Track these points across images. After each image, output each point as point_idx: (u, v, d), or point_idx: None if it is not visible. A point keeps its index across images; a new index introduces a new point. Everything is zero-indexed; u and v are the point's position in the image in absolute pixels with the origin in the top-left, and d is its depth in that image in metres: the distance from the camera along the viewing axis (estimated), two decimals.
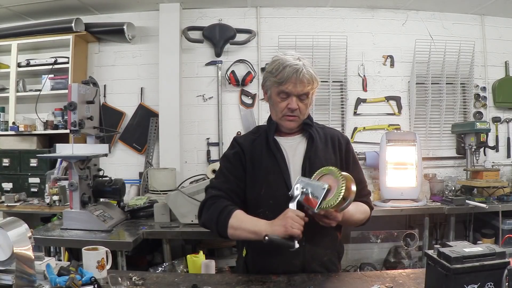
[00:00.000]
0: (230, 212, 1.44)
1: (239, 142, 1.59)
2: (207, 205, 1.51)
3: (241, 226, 1.42)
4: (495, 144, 3.61)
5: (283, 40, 3.48)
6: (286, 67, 1.45)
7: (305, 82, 1.45)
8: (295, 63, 1.45)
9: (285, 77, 1.44)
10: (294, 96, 1.47)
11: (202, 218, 1.54)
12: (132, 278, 1.37)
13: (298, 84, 1.45)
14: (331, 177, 1.32)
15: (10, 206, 3.08)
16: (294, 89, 1.46)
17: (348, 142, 1.64)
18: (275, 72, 1.48)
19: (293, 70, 1.44)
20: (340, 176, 1.29)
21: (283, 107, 1.49)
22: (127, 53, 3.65)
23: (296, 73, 1.43)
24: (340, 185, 1.26)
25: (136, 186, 3.42)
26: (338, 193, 1.25)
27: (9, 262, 1.18)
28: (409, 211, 2.99)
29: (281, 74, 1.45)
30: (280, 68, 1.46)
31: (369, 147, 3.52)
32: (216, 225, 1.46)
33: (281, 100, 1.49)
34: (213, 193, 1.52)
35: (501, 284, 1.00)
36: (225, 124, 3.59)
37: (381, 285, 1.30)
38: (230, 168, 1.55)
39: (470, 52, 3.56)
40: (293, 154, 1.54)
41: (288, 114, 1.50)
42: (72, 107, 2.28)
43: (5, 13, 3.48)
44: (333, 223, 1.36)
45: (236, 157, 1.55)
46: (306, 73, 1.45)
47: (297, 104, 1.48)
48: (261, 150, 1.54)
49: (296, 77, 1.44)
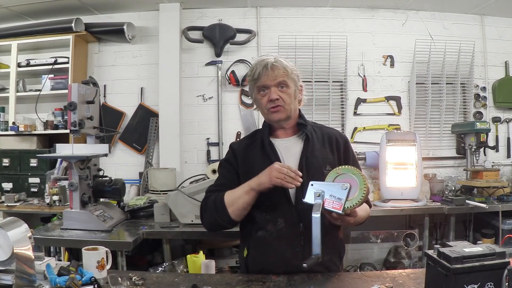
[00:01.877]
0: (221, 196, 1.51)
1: (233, 148, 1.65)
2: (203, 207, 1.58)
3: (235, 198, 1.49)
4: (495, 144, 3.61)
5: (283, 40, 3.48)
6: (257, 64, 1.55)
7: (276, 72, 1.52)
8: (265, 59, 1.55)
9: (258, 73, 1.53)
10: (272, 87, 1.52)
11: (204, 219, 1.59)
12: (132, 278, 1.37)
13: (270, 75, 1.51)
14: (347, 177, 1.32)
15: (10, 206, 3.08)
16: (268, 80, 1.52)
17: (347, 141, 1.65)
18: (250, 74, 1.58)
19: (263, 64, 1.53)
20: (359, 173, 1.31)
21: (265, 101, 1.54)
22: (127, 53, 3.65)
23: (266, 65, 1.52)
24: (362, 181, 1.28)
25: (136, 186, 3.42)
26: (362, 190, 1.27)
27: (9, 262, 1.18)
28: (409, 211, 2.99)
29: (254, 72, 1.54)
30: (254, 68, 1.56)
31: (369, 147, 3.52)
32: (218, 215, 1.51)
33: (262, 97, 1.55)
34: (208, 195, 1.59)
35: (501, 284, 1.00)
36: (225, 124, 3.59)
37: (381, 285, 1.30)
38: (225, 173, 1.63)
39: (470, 52, 3.56)
40: (289, 155, 1.55)
41: (271, 106, 1.53)
42: (72, 107, 2.28)
43: (5, 13, 3.48)
44: (352, 220, 1.37)
45: (229, 163, 1.62)
46: (275, 62, 1.53)
47: (277, 94, 1.52)
48: (256, 153, 1.57)
49: (267, 69, 1.52)
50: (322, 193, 1.31)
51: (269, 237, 1.48)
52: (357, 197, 1.27)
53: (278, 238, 1.47)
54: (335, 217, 1.32)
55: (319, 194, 1.30)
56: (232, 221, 1.52)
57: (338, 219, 1.33)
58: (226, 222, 1.51)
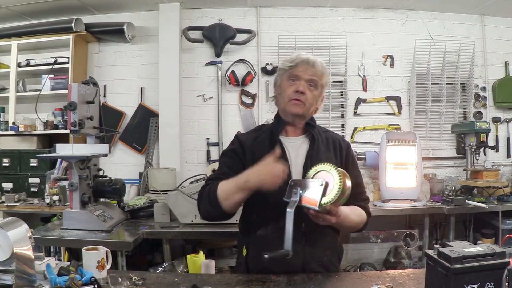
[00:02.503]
0: (215, 189, 1.44)
1: (240, 140, 1.59)
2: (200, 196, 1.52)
3: (228, 193, 1.42)
4: (495, 144, 3.61)
5: (283, 40, 3.48)
6: (300, 55, 1.53)
7: (316, 69, 1.50)
8: (307, 55, 1.54)
9: (297, 62, 1.51)
10: (303, 80, 1.50)
11: (200, 209, 1.53)
12: (132, 278, 1.37)
13: (309, 69, 1.50)
14: (324, 174, 1.32)
15: (10, 206, 3.08)
16: (304, 73, 1.50)
17: (349, 147, 1.65)
18: (287, 61, 1.55)
19: (306, 57, 1.52)
20: (335, 169, 1.29)
21: (291, 91, 1.51)
22: (127, 53, 3.65)
23: (308, 59, 1.51)
24: (337, 178, 1.26)
25: (136, 186, 3.42)
26: (338, 186, 1.25)
27: (9, 262, 1.18)
28: (409, 211, 2.99)
29: (294, 60, 1.52)
30: (294, 57, 1.54)
31: (369, 147, 3.51)
32: (212, 208, 1.45)
33: (290, 85, 1.52)
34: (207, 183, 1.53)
35: (501, 284, 1.00)
36: (225, 124, 3.59)
37: (381, 285, 1.30)
38: (229, 163, 1.56)
39: (470, 52, 3.56)
40: (296, 154, 1.54)
41: (295, 98, 1.50)
42: (72, 107, 2.28)
43: (5, 13, 3.48)
44: (333, 219, 1.34)
45: (235, 153, 1.56)
46: (318, 62, 1.52)
47: (305, 89, 1.50)
48: (264, 148, 1.53)
49: (307, 62, 1.50)
50: (299, 191, 1.30)
51: (270, 236, 1.48)
52: (333, 193, 1.25)
53: (278, 237, 1.45)
54: (313, 214, 1.31)
55: (295, 192, 1.31)
56: (228, 214, 1.48)
57: (317, 216, 1.32)
58: (221, 216, 1.48)
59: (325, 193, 1.26)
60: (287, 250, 1.26)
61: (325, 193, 1.26)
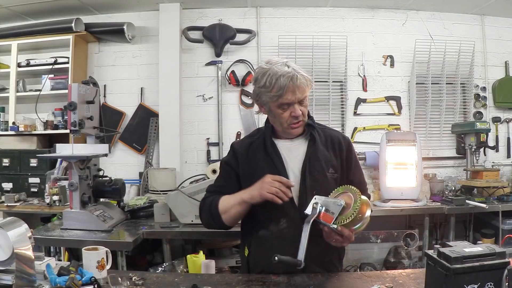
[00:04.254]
0: (216, 202, 1.52)
1: (234, 149, 1.61)
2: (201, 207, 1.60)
3: (228, 207, 1.49)
4: (495, 144, 3.61)
5: (283, 40, 3.48)
6: (280, 77, 1.39)
7: (302, 87, 1.42)
8: (287, 71, 1.39)
9: (282, 89, 1.39)
10: (296, 104, 1.44)
11: (202, 219, 1.61)
12: (132, 278, 1.37)
13: (296, 91, 1.41)
14: (348, 196, 1.33)
15: (10, 206, 3.08)
16: (294, 97, 1.42)
17: (350, 144, 1.63)
18: (269, 86, 1.41)
19: (288, 80, 1.38)
20: (357, 194, 1.31)
21: (287, 117, 1.46)
22: (127, 53, 3.65)
23: (292, 80, 1.39)
24: (356, 203, 1.28)
25: (136, 186, 3.42)
26: (353, 210, 1.26)
27: (9, 262, 1.18)
28: (409, 211, 2.99)
29: (277, 87, 1.40)
30: (273, 81, 1.40)
31: (369, 147, 3.51)
32: (213, 220, 1.53)
33: (283, 111, 1.45)
34: (206, 195, 1.60)
35: (501, 284, 1.00)
36: (225, 124, 3.59)
37: (381, 285, 1.30)
38: (225, 176, 1.62)
39: (470, 52, 3.56)
40: (292, 156, 1.53)
41: (293, 122, 1.48)
42: (72, 107, 2.28)
43: (5, 13, 3.48)
44: (346, 243, 1.35)
45: (229, 165, 1.60)
46: (301, 77, 1.41)
47: (300, 110, 1.45)
48: (259, 155, 1.55)
49: (293, 85, 1.39)
50: (319, 206, 1.32)
51: (271, 237, 1.48)
52: (348, 214, 1.27)
53: (279, 238, 1.46)
54: (327, 231, 1.32)
55: (315, 206, 1.33)
56: (227, 226, 1.55)
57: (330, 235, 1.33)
58: (221, 227, 1.55)
59: (342, 213, 1.28)
60: (299, 261, 1.29)
61: (342, 214, 1.28)
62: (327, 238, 1.34)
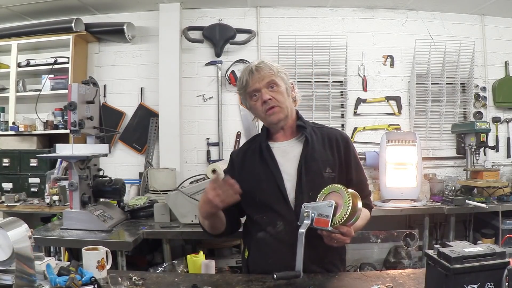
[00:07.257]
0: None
1: (232, 159, 1.68)
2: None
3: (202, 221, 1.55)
4: (495, 144, 3.61)
5: (283, 40, 3.49)
6: (243, 73, 1.56)
7: (262, 73, 1.51)
8: (249, 65, 1.57)
9: (245, 80, 1.53)
10: (262, 89, 1.51)
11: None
12: (132, 278, 1.37)
13: (257, 78, 1.51)
14: (335, 195, 1.32)
15: (10, 206, 3.08)
16: (257, 84, 1.51)
17: (348, 141, 1.62)
18: (239, 84, 1.58)
19: (248, 71, 1.54)
20: (344, 190, 1.29)
21: (260, 105, 1.53)
22: (127, 53, 3.65)
23: (251, 70, 1.52)
24: (346, 199, 1.27)
25: (136, 186, 3.42)
26: (346, 206, 1.25)
27: (9, 262, 1.18)
28: (409, 211, 2.99)
29: (242, 81, 1.55)
30: (241, 78, 1.56)
31: (369, 147, 3.51)
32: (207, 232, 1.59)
33: (255, 102, 1.54)
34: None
35: (501, 284, 1.00)
36: (225, 124, 3.59)
37: (381, 285, 1.30)
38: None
39: (470, 52, 3.56)
40: (286, 159, 1.53)
41: (267, 108, 1.52)
42: (72, 107, 2.28)
43: (5, 13, 3.48)
44: (347, 240, 1.34)
45: (228, 174, 1.61)
46: (260, 64, 1.53)
47: (269, 95, 1.50)
48: (254, 159, 1.57)
49: (252, 73, 1.52)
50: (311, 213, 1.31)
51: (269, 239, 1.48)
52: (343, 213, 1.25)
53: (277, 240, 1.47)
54: (326, 235, 1.31)
55: (307, 215, 1.32)
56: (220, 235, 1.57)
57: (331, 238, 1.32)
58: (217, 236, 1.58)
59: (335, 214, 1.27)
60: (298, 271, 1.28)
61: (336, 213, 1.27)
62: (329, 241, 1.33)
